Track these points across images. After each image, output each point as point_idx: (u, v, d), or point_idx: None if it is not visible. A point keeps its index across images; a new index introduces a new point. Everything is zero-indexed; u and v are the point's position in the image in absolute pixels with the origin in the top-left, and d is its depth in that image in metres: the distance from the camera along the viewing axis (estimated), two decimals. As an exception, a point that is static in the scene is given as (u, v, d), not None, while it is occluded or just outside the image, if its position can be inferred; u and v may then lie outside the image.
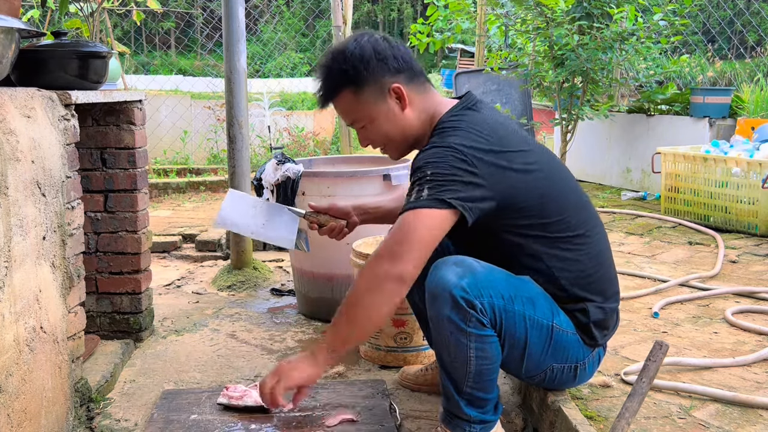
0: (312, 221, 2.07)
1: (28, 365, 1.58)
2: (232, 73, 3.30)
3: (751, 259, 3.35)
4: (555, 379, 1.73)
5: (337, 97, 1.71)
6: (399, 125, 1.70)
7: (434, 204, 1.51)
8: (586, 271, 1.67)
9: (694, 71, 7.10)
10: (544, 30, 4.75)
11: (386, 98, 1.68)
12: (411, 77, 1.70)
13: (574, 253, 1.66)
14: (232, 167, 3.36)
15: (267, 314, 2.94)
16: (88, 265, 2.36)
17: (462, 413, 1.63)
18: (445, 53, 16.49)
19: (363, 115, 1.71)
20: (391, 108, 1.69)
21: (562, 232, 1.65)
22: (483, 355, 1.57)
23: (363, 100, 1.68)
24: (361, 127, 1.73)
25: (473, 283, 1.54)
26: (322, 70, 1.71)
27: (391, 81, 1.67)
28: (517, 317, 1.59)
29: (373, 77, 1.66)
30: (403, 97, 1.68)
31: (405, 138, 1.73)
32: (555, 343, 1.65)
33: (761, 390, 1.90)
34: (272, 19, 16.91)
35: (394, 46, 1.69)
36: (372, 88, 1.67)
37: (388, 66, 1.67)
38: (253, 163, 5.30)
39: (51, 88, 1.80)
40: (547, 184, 1.64)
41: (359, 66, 1.65)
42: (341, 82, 1.68)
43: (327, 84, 1.71)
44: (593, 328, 1.68)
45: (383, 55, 1.66)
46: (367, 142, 1.77)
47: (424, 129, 1.71)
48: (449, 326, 1.55)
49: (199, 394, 2.10)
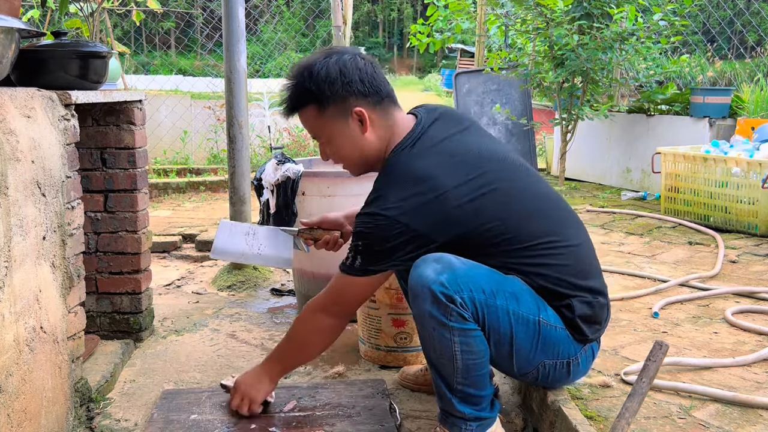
0: (306, 238, 2.12)
1: (28, 365, 1.58)
2: (232, 73, 3.30)
3: (751, 259, 3.35)
4: (549, 376, 1.73)
5: (300, 111, 1.75)
6: (358, 147, 1.73)
7: (365, 273, 1.67)
8: (566, 272, 1.68)
9: (694, 71, 7.10)
10: (544, 30, 4.76)
11: (348, 119, 1.70)
12: (376, 101, 1.71)
13: (548, 259, 1.66)
14: (232, 167, 3.36)
15: (267, 314, 2.95)
16: (88, 265, 2.36)
17: (456, 411, 1.63)
18: (445, 53, 16.50)
19: (324, 132, 1.75)
20: (352, 129, 1.71)
21: (531, 242, 1.65)
22: (468, 350, 1.58)
23: (325, 118, 1.71)
24: (321, 142, 1.78)
25: (452, 279, 1.55)
26: (288, 83, 1.74)
27: (355, 104, 1.69)
28: (500, 312, 1.59)
29: (337, 98, 1.68)
30: (365, 121, 1.70)
31: (363, 158, 1.76)
32: (543, 338, 1.65)
33: (761, 390, 1.90)
34: (272, 19, 16.91)
35: (361, 69, 1.70)
36: (334, 108, 1.69)
37: (352, 89, 1.68)
38: (253, 163, 5.30)
39: (51, 88, 1.80)
40: (502, 203, 1.64)
41: (323, 86, 1.68)
42: (306, 97, 1.71)
43: (292, 98, 1.74)
44: (580, 323, 1.68)
45: (349, 79, 1.68)
46: (326, 157, 1.81)
47: (380, 153, 1.75)
48: (431, 322, 1.57)
49: (199, 394, 2.10)
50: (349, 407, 1.99)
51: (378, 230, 1.60)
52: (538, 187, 1.75)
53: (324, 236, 2.09)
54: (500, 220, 1.63)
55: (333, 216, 2.12)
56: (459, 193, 1.60)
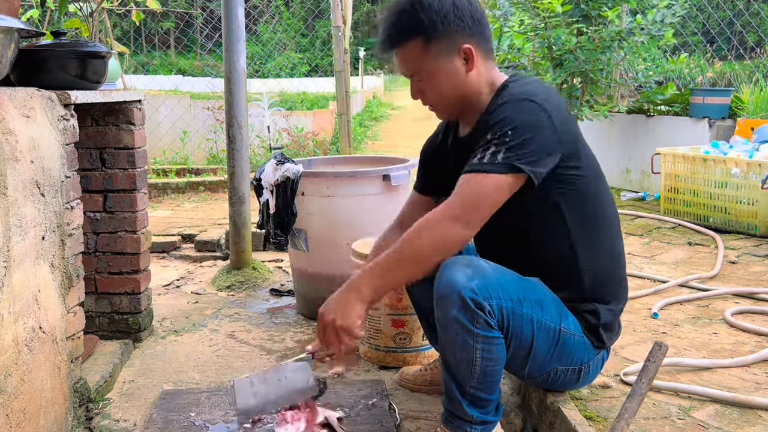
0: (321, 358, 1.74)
1: (27, 365, 1.57)
2: (231, 73, 3.30)
3: (750, 260, 3.35)
4: (558, 381, 1.73)
5: (404, 44, 1.62)
6: (460, 86, 1.65)
7: (506, 170, 1.49)
8: (607, 269, 1.69)
9: (694, 72, 7.10)
10: (542, 31, 4.76)
11: (454, 57, 1.62)
12: (481, 41, 1.65)
13: (602, 242, 1.68)
14: (232, 167, 3.36)
15: (266, 314, 2.94)
16: (88, 265, 2.35)
17: (464, 414, 1.62)
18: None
19: (425, 69, 1.63)
20: (457, 67, 1.63)
21: (597, 210, 1.67)
22: (489, 357, 1.56)
23: (431, 53, 1.61)
24: (418, 80, 1.66)
25: (483, 285, 1.53)
26: (393, 13, 1.62)
27: (463, 40, 1.61)
28: (525, 320, 1.58)
29: (447, 33, 1.59)
30: (472, 59, 1.63)
31: (461, 100, 1.68)
32: (561, 346, 1.65)
33: (760, 391, 1.90)
34: (272, 20, 16.91)
35: (473, 5, 1.63)
36: (443, 43, 1.60)
37: (464, 24, 1.60)
38: (252, 164, 5.29)
39: (50, 88, 1.80)
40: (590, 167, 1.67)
41: (436, 18, 1.58)
42: (413, 30, 1.60)
43: (396, 29, 1.62)
44: (601, 330, 1.68)
45: (462, 13, 1.59)
46: (419, 96, 1.70)
47: (480, 95, 1.67)
48: (456, 327, 1.54)
49: (198, 394, 2.10)
50: (349, 407, 1.99)
51: (533, 117, 1.51)
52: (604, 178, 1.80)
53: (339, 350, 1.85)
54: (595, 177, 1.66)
55: None
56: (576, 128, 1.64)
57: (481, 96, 1.67)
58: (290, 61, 14.74)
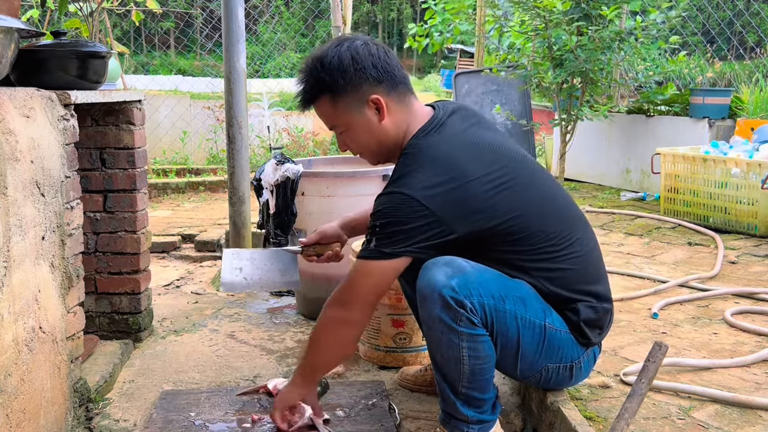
0: (309, 255, 2.10)
1: (27, 365, 1.57)
2: (231, 73, 3.30)
3: (750, 260, 3.35)
4: (551, 380, 1.73)
5: (315, 102, 1.71)
6: (375, 135, 1.70)
7: (381, 256, 1.57)
8: (573, 276, 1.67)
9: (694, 72, 7.10)
10: (543, 31, 4.76)
11: (364, 108, 1.67)
12: (391, 87, 1.68)
13: (558, 261, 1.65)
14: (232, 167, 3.36)
15: (266, 314, 2.94)
16: (88, 265, 2.35)
17: (459, 414, 1.63)
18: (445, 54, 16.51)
19: (340, 123, 1.71)
20: (369, 118, 1.68)
21: (543, 243, 1.64)
22: (476, 355, 1.57)
23: (340, 108, 1.68)
24: (339, 132, 1.74)
25: (463, 283, 1.54)
26: (302, 75, 1.71)
27: (370, 91, 1.65)
28: (508, 316, 1.59)
29: (351, 86, 1.65)
30: (382, 108, 1.67)
31: (380, 147, 1.73)
32: (548, 342, 1.64)
33: (760, 391, 1.90)
34: (271, 20, 16.91)
35: (374, 54, 1.66)
36: (349, 97, 1.66)
37: (366, 75, 1.64)
38: (252, 164, 5.30)
39: (50, 88, 1.80)
40: (520, 199, 1.62)
41: (336, 75, 1.64)
42: (319, 89, 1.67)
43: (306, 89, 1.70)
44: (584, 327, 1.68)
45: (362, 65, 1.64)
46: (345, 148, 1.78)
47: (398, 142, 1.71)
48: (440, 326, 1.56)
49: (198, 394, 2.10)
50: (349, 407, 1.99)
51: (399, 209, 1.55)
52: (552, 187, 1.74)
53: (326, 251, 2.09)
54: (519, 217, 1.61)
55: (330, 230, 2.10)
56: (483, 182, 1.57)
57: (399, 141, 1.71)
58: (290, 61, 14.73)
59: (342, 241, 2.11)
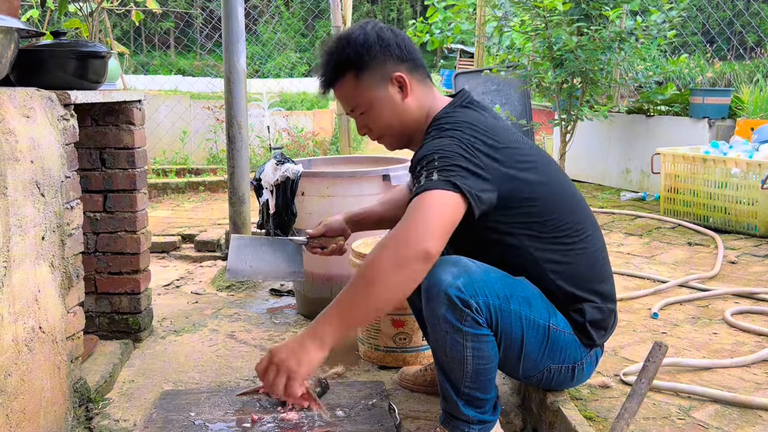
0: (313, 247, 2.11)
1: (27, 365, 1.57)
2: (231, 73, 3.30)
3: (750, 260, 3.35)
4: (552, 380, 1.73)
5: (339, 82, 1.70)
6: (398, 113, 1.70)
7: (447, 186, 1.45)
8: (581, 273, 1.67)
9: (694, 72, 7.10)
10: (543, 31, 4.76)
11: (388, 85, 1.68)
12: (413, 68, 1.71)
13: (568, 255, 1.66)
14: (232, 167, 3.36)
15: (266, 314, 2.94)
16: (87, 265, 2.35)
17: (460, 414, 1.63)
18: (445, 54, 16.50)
19: (363, 101, 1.70)
20: (392, 96, 1.69)
21: (556, 232, 1.65)
22: (480, 355, 1.57)
23: (364, 85, 1.68)
24: (360, 113, 1.73)
25: (469, 283, 1.54)
26: (325, 55, 1.71)
27: (394, 69, 1.68)
28: (513, 317, 1.59)
29: (376, 63, 1.66)
30: (406, 86, 1.68)
31: (403, 128, 1.72)
32: (552, 343, 1.65)
33: (760, 391, 1.90)
34: (271, 20, 16.91)
35: (398, 35, 1.70)
36: (374, 73, 1.67)
37: (391, 53, 1.67)
38: (252, 164, 5.30)
39: (50, 87, 1.80)
40: (541, 183, 1.64)
41: (362, 51, 1.65)
42: (344, 66, 1.67)
43: (329, 68, 1.70)
44: (590, 328, 1.68)
45: (387, 42, 1.67)
46: (365, 130, 1.76)
47: (420, 122, 1.71)
48: (445, 326, 1.55)
49: (198, 394, 2.10)
50: (349, 408, 1.99)
51: (451, 147, 1.52)
52: (567, 182, 1.76)
53: (330, 245, 2.09)
54: (540, 199, 1.62)
55: (336, 223, 2.09)
56: (515, 153, 1.60)
57: (421, 123, 1.71)
58: (290, 61, 14.74)
59: (346, 236, 2.10)
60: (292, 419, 1.89)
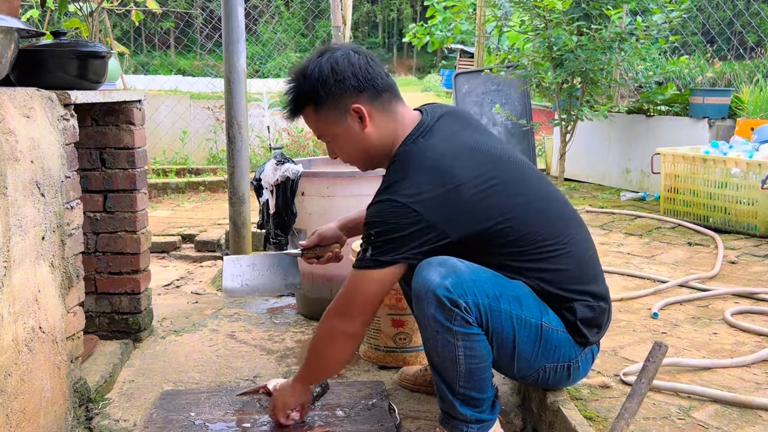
0: (309, 258, 2.12)
1: (27, 365, 1.57)
2: (231, 73, 3.30)
3: (750, 260, 3.35)
4: (549, 379, 1.73)
5: (300, 113, 1.74)
6: (359, 144, 1.71)
7: (376, 265, 1.58)
8: (570, 276, 1.67)
9: (694, 72, 7.09)
10: (543, 31, 4.76)
11: (347, 117, 1.68)
12: (374, 96, 1.68)
13: (553, 262, 1.65)
14: (232, 167, 3.36)
15: (266, 314, 2.94)
16: (87, 265, 2.35)
17: (458, 413, 1.63)
18: (445, 54, 16.51)
19: (326, 132, 1.73)
20: (352, 127, 1.69)
21: (537, 243, 1.64)
22: (471, 354, 1.57)
23: (323, 119, 1.70)
24: (327, 141, 1.76)
25: (457, 282, 1.54)
26: (288, 86, 1.74)
27: (352, 101, 1.66)
28: (503, 316, 1.59)
29: (332, 97, 1.66)
30: (365, 117, 1.67)
31: (367, 156, 1.75)
32: (545, 342, 1.64)
33: (760, 391, 1.90)
34: (271, 20, 16.91)
35: (355, 64, 1.66)
36: (331, 107, 1.67)
37: (347, 85, 1.65)
38: (252, 164, 5.29)
39: (50, 88, 1.80)
40: (510, 201, 1.62)
41: (317, 86, 1.66)
42: (303, 101, 1.71)
43: (291, 101, 1.73)
44: (581, 326, 1.67)
45: (341, 76, 1.65)
46: (335, 156, 1.80)
47: (386, 147, 1.71)
48: (435, 326, 1.56)
49: (198, 394, 2.10)
50: (349, 408, 1.99)
51: (391, 217, 1.56)
52: (545, 188, 1.75)
53: (326, 253, 2.10)
54: (510, 219, 1.61)
55: (329, 231, 2.10)
56: (472, 186, 1.58)
57: (387, 148, 1.71)
58: (290, 61, 14.73)
59: (341, 242, 2.11)
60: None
